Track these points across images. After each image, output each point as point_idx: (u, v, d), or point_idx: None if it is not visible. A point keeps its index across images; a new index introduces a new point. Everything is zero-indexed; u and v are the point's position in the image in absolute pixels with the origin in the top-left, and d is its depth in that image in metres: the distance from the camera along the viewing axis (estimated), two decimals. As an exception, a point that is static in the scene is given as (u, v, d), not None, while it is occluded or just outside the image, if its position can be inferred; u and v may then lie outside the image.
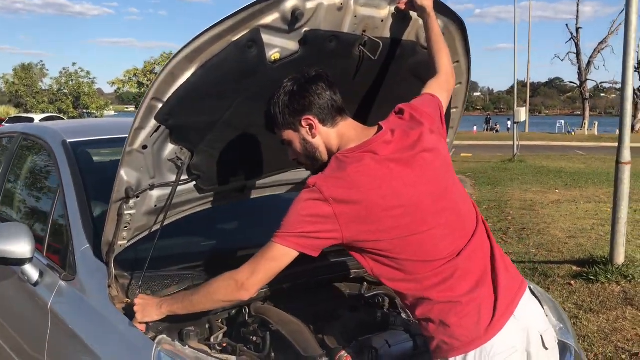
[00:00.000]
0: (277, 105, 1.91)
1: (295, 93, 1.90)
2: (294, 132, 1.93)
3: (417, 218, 1.79)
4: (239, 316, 2.38)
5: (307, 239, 1.80)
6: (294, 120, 1.91)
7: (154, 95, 1.92)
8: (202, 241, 2.84)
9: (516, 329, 1.81)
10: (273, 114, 1.93)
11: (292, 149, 1.97)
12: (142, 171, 2.12)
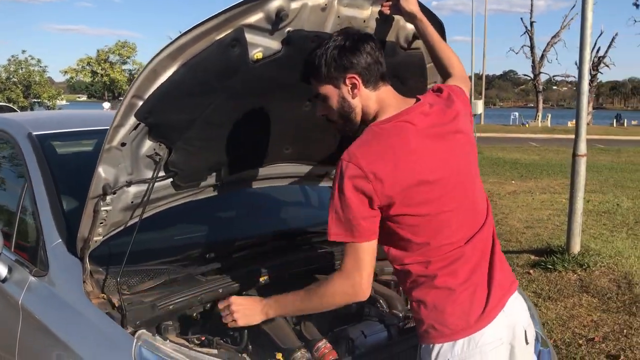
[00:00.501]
0: (324, 58, 1.83)
1: (346, 48, 1.82)
2: (334, 88, 1.86)
3: (445, 196, 1.79)
4: (215, 310, 2.39)
5: (370, 221, 1.76)
6: (338, 76, 1.84)
7: (135, 92, 1.91)
8: (176, 235, 2.83)
9: (504, 323, 1.86)
10: (317, 65, 1.84)
11: (325, 104, 1.89)
12: (119, 168, 2.11)
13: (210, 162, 2.38)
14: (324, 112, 1.92)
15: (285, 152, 2.65)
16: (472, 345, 1.79)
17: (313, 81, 1.89)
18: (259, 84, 2.17)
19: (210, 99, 2.11)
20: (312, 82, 1.90)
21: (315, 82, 1.89)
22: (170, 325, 2.13)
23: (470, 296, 1.82)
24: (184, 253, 2.51)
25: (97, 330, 2.05)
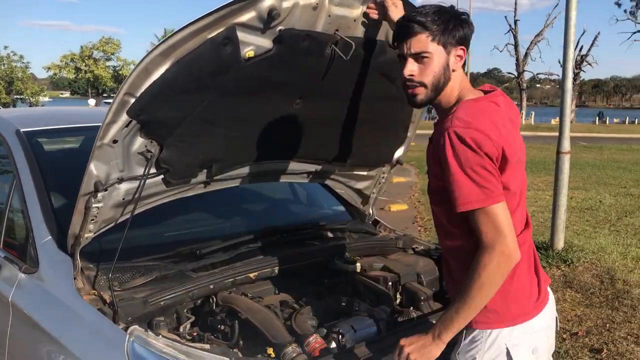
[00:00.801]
0: (450, 22, 1.80)
1: (468, 24, 1.84)
2: (443, 53, 1.81)
3: (518, 178, 1.84)
4: (205, 306, 2.41)
5: (497, 180, 1.74)
6: (454, 43, 1.82)
7: (127, 90, 1.93)
8: (166, 232, 2.84)
9: (549, 310, 1.97)
10: (439, 21, 1.78)
11: (422, 65, 1.81)
12: (111, 165, 2.12)
13: (201, 159, 2.39)
14: (412, 73, 1.82)
15: (275, 149, 2.67)
16: (528, 331, 1.86)
17: (426, 36, 1.78)
18: (251, 82, 2.19)
19: (202, 97, 2.13)
20: (423, 36, 1.79)
21: (427, 38, 1.79)
22: (162, 321, 2.14)
23: (529, 283, 1.90)
24: (175, 249, 2.53)
25: (88, 326, 2.06)
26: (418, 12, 1.82)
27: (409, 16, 1.83)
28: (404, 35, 1.81)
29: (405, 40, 1.81)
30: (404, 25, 1.82)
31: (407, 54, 1.81)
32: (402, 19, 1.85)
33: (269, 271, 2.54)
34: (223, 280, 2.38)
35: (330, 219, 3.30)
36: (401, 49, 1.83)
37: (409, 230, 7.41)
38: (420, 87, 1.83)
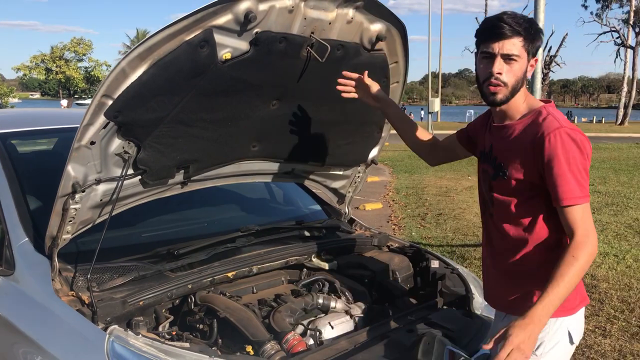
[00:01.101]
0: (536, 34, 1.96)
1: (542, 39, 2.01)
2: (526, 59, 1.97)
3: None
4: (184, 305, 2.43)
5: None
6: (533, 52, 1.98)
7: (104, 92, 1.95)
8: (144, 232, 2.85)
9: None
10: (531, 30, 1.95)
11: (512, 64, 1.95)
12: (89, 166, 2.13)
13: (178, 159, 2.41)
14: (502, 71, 1.95)
15: (253, 149, 2.70)
16: (580, 317, 2.09)
17: (519, 41, 1.93)
18: (228, 84, 2.22)
19: (179, 98, 2.15)
20: (517, 40, 1.93)
21: (520, 43, 1.93)
22: (141, 321, 2.16)
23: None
24: (153, 250, 2.54)
25: (67, 327, 2.06)
26: (512, 17, 1.94)
27: (505, 19, 1.93)
28: (499, 36, 1.93)
29: (498, 41, 1.93)
30: (500, 26, 1.93)
31: (498, 54, 1.94)
32: (498, 20, 1.94)
33: (247, 270, 2.57)
34: (201, 279, 2.40)
35: (306, 218, 3.34)
36: (490, 47, 1.95)
37: (384, 228, 7.49)
38: (503, 86, 1.96)
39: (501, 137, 2.06)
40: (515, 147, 2.00)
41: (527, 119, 1.99)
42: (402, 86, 2.86)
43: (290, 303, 2.47)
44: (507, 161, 2.02)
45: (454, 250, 6.64)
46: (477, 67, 2.03)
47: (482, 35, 2.01)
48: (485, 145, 2.17)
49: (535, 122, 1.96)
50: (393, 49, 2.59)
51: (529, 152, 1.94)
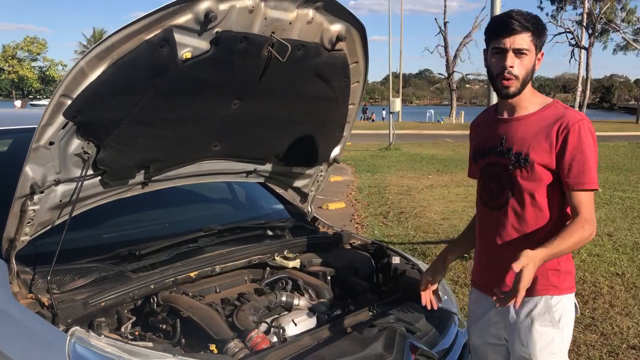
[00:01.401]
0: (542, 29, 2.11)
1: (546, 32, 2.17)
2: (535, 52, 2.10)
3: None
4: (146, 306, 2.42)
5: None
6: (540, 47, 2.13)
7: (63, 92, 1.92)
8: (105, 233, 2.82)
9: None
10: (538, 26, 2.08)
11: (520, 60, 2.08)
12: (47, 167, 2.10)
13: (139, 159, 2.39)
14: (513, 64, 2.07)
15: (214, 149, 2.70)
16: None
17: (528, 36, 2.07)
18: (188, 83, 2.21)
19: (139, 98, 2.14)
20: (526, 35, 2.06)
21: (529, 38, 2.07)
22: (103, 322, 2.14)
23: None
24: (115, 251, 2.52)
25: (27, 330, 2.03)
26: (520, 14, 2.07)
27: (515, 16, 2.06)
28: (509, 32, 2.06)
29: (509, 36, 2.06)
30: (510, 22, 2.06)
31: (510, 48, 2.06)
32: (508, 17, 2.07)
33: (209, 270, 2.57)
34: (163, 279, 2.39)
35: (269, 217, 3.36)
36: (501, 43, 2.07)
37: (347, 227, 7.55)
38: (515, 79, 2.09)
39: (519, 127, 2.17)
40: (538, 136, 2.12)
41: (546, 110, 2.15)
42: (362, 86, 2.90)
43: (253, 301, 2.48)
44: (528, 150, 2.13)
45: (415, 247, 6.74)
46: (489, 63, 2.14)
47: (493, 32, 2.12)
48: (493, 139, 2.25)
49: (555, 113, 2.13)
50: (353, 49, 2.62)
51: (551, 140, 2.10)
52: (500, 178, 2.21)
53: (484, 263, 2.35)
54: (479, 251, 2.37)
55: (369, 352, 2.11)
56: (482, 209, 2.32)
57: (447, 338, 2.46)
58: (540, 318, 2.16)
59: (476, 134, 2.40)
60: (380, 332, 2.21)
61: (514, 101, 2.17)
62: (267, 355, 2.06)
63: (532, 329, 2.17)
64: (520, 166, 2.14)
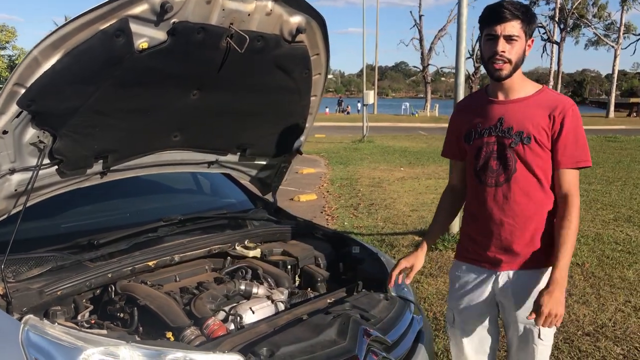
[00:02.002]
0: (532, 17, 2.27)
1: (536, 21, 2.33)
2: (525, 39, 2.27)
3: None
4: (104, 295, 2.43)
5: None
6: (530, 34, 2.29)
7: (16, 81, 1.92)
8: (63, 223, 2.82)
9: None
10: (527, 14, 2.25)
11: (513, 44, 2.24)
12: (1, 156, 2.11)
13: (96, 149, 2.40)
14: (504, 50, 2.24)
15: (174, 139, 2.71)
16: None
17: (518, 23, 2.23)
18: (145, 74, 2.22)
19: (95, 88, 2.15)
20: (516, 23, 2.23)
21: (519, 25, 2.23)
22: (58, 310, 2.16)
23: None
24: (73, 240, 2.52)
25: None
26: (511, 4, 2.23)
27: (505, 5, 2.23)
28: (500, 20, 2.23)
29: (500, 24, 2.23)
30: (501, 11, 2.22)
31: (501, 35, 2.23)
32: (500, 6, 2.24)
33: (169, 259, 2.59)
34: (121, 269, 2.41)
35: (232, 207, 3.38)
36: (493, 30, 2.24)
37: (318, 219, 7.61)
38: (506, 63, 2.26)
39: (518, 109, 2.34)
40: (536, 117, 2.30)
41: (541, 94, 2.35)
42: (324, 77, 2.93)
43: (212, 290, 2.51)
44: (527, 128, 2.30)
45: (383, 238, 6.81)
46: (482, 49, 2.32)
47: (485, 20, 2.29)
48: (489, 120, 2.40)
49: (550, 98, 2.33)
50: (314, 41, 2.65)
51: (549, 121, 2.28)
52: (502, 156, 2.36)
53: (478, 237, 2.47)
54: (472, 227, 2.50)
55: (323, 338, 2.15)
56: (479, 186, 2.44)
57: (401, 324, 2.51)
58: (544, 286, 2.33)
59: (464, 116, 2.52)
60: (334, 318, 2.25)
61: (508, 84, 2.35)
62: (223, 342, 2.09)
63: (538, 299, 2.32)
64: (523, 144, 2.31)
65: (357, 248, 3.02)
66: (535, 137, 2.29)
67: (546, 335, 2.40)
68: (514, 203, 2.35)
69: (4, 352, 1.91)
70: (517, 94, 2.36)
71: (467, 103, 2.63)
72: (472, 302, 2.52)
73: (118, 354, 1.85)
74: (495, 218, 2.39)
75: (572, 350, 3.87)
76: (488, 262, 2.44)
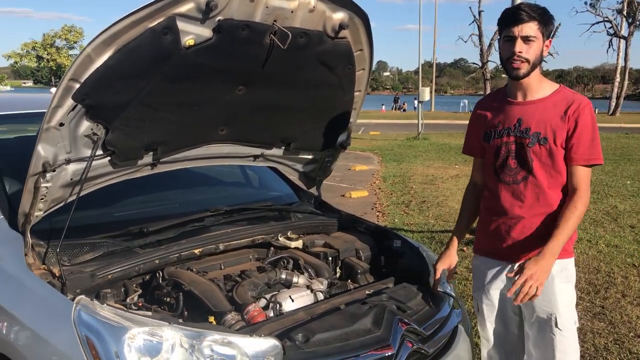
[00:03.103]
0: (549, 19, 2.36)
1: (554, 24, 2.40)
2: (542, 40, 2.35)
3: None
4: (153, 280, 2.56)
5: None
6: (547, 35, 2.36)
7: (71, 76, 2.05)
8: (115, 212, 2.97)
9: None
10: (549, 17, 2.34)
11: (528, 47, 2.33)
12: (58, 146, 2.24)
13: (146, 141, 2.52)
14: (522, 50, 2.32)
15: (221, 133, 2.81)
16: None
17: (535, 24, 2.31)
18: (193, 69, 2.32)
19: (145, 83, 2.26)
20: (533, 24, 2.31)
21: (536, 27, 2.32)
22: (109, 293, 2.29)
23: None
24: (123, 228, 2.66)
25: (38, 298, 2.18)
26: (528, 5, 2.32)
27: (523, 7, 2.31)
28: (518, 21, 2.31)
29: (517, 25, 2.31)
30: (519, 13, 2.31)
31: (518, 36, 2.31)
32: (517, 8, 2.33)
33: (213, 247, 2.69)
34: (168, 255, 2.52)
35: (278, 200, 3.47)
36: (510, 31, 2.33)
37: (368, 215, 7.64)
38: (524, 62, 2.34)
39: (535, 110, 2.43)
40: (554, 118, 2.38)
41: (557, 94, 2.42)
42: (367, 73, 2.96)
43: (253, 278, 2.60)
44: (546, 130, 2.39)
45: (433, 236, 6.78)
46: (501, 49, 2.41)
47: (503, 22, 2.37)
48: (509, 120, 2.49)
49: (566, 97, 2.40)
50: (357, 37, 2.68)
51: (565, 121, 2.36)
52: (519, 155, 2.45)
53: (495, 232, 2.56)
54: (489, 222, 2.59)
55: (358, 327, 2.21)
56: (497, 184, 2.54)
57: (438, 317, 2.54)
58: (558, 276, 2.44)
59: (484, 116, 2.59)
60: (370, 308, 2.30)
61: (526, 84, 2.41)
62: (261, 327, 2.18)
63: (553, 287, 2.43)
64: (540, 144, 2.40)
65: (398, 242, 3.06)
66: (552, 137, 2.38)
67: (564, 325, 2.45)
68: (531, 199, 2.45)
69: (57, 329, 2.05)
70: (535, 94, 2.44)
71: (487, 103, 2.68)
72: (491, 293, 2.61)
73: (161, 334, 1.96)
74: (512, 214, 2.49)
75: (623, 351, 3.77)
76: (504, 255, 2.53)
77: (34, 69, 50.43)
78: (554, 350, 2.45)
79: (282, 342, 2.05)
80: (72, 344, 1.95)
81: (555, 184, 2.43)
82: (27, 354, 2.08)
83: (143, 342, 1.93)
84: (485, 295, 2.64)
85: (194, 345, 1.95)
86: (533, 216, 2.45)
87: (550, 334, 2.46)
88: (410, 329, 2.30)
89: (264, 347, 2.00)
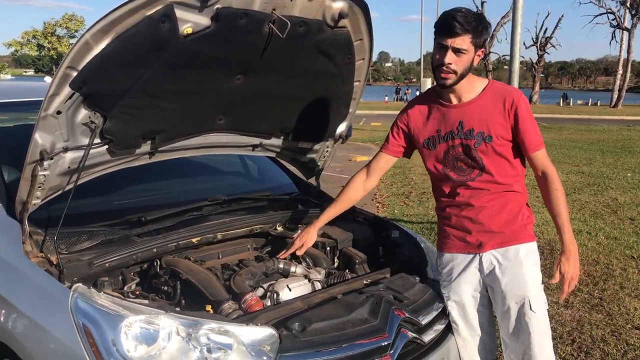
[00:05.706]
0: (487, 28, 2.37)
1: (488, 32, 2.39)
2: (474, 50, 2.35)
3: None
4: (151, 269, 2.56)
5: None
6: (481, 46, 2.38)
7: (69, 64, 2.04)
8: (114, 200, 2.97)
9: None
10: (479, 28, 2.32)
11: (458, 58, 2.33)
12: (56, 135, 2.23)
13: (144, 130, 2.52)
14: (451, 62, 2.33)
15: (219, 122, 2.80)
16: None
17: (468, 38, 2.31)
18: (191, 57, 2.31)
19: (143, 71, 2.24)
20: (466, 37, 2.30)
21: (469, 39, 2.31)
22: (106, 281, 2.29)
23: None
24: (123, 217, 2.66)
25: (36, 286, 2.18)
26: (463, 17, 2.29)
27: (457, 18, 2.29)
28: (451, 33, 2.30)
29: (450, 37, 2.31)
30: (453, 25, 2.29)
31: (450, 47, 2.31)
32: (452, 18, 2.30)
33: (211, 237, 2.70)
34: (166, 244, 2.52)
35: (276, 190, 3.46)
36: (444, 41, 2.33)
37: (368, 206, 7.63)
38: (452, 74, 2.36)
39: (473, 110, 2.45)
40: (493, 114, 2.42)
41: (489, 91, 2.46)
42: (367, 63, 2.95)
43: (251, 267, 2.61)
44: (488, 127, 2.42)
45: (433, 227, 6.76)
46: (433, 54, 2.40)
47: (438, 30, 2.36)
48: (449, 124, 2.49)
49: (499, 92, 2.45)
50: (357, 26, 2.66)
51: (504, 115, 2.41)
52: (469, 156, 2.47)
53: (459, 227, 2.57)
54: (450, 217, 2.59)
55: (354, 316, 2.21)
56: (451, 184, 2.55)
57: (435, 307, 2.55)
58: (526, 260, 2.50)
59: (421, 122, 2.59)
60: (367, 298, 2.31)
61: (458, 89, 2.44)
62: (258, 316, 2.18)
63: (522, 271, 2.49)
64: (486, 143, 2.43)
65: (396, 232, 3.06)
66: (496, 134, 2.42)
67: (537, 307, 2.49)
68: (488, 192, 2.49)
69: (54, 316, 2.05)
70: (469, 95, 2.47)
71: (417, 108, 2.63)
72: (462, 287, 2.58)
73: (158, 323, 1.96)
74: (473, 207, 2.51)
75: (619, 342, 3.78)
76: (471, 246, 2.54)
77: (35, 58, 50.43)
78: (530, 334, 2.47)
79: (279, 331, 2.05)
80: (69, 331, 1.96)
81: (508, 169, 2.49)
82: (25, 342, 2.09)
83: (140, 330, 1.94)
84: (455, 292, 2.59)
85: (190, 334, 1.96)
86: (493, 205, 2.50)
87: (525, 318, 2.48)
88: (406, 319, 2.31)
89: (260, 336, 2.01)
